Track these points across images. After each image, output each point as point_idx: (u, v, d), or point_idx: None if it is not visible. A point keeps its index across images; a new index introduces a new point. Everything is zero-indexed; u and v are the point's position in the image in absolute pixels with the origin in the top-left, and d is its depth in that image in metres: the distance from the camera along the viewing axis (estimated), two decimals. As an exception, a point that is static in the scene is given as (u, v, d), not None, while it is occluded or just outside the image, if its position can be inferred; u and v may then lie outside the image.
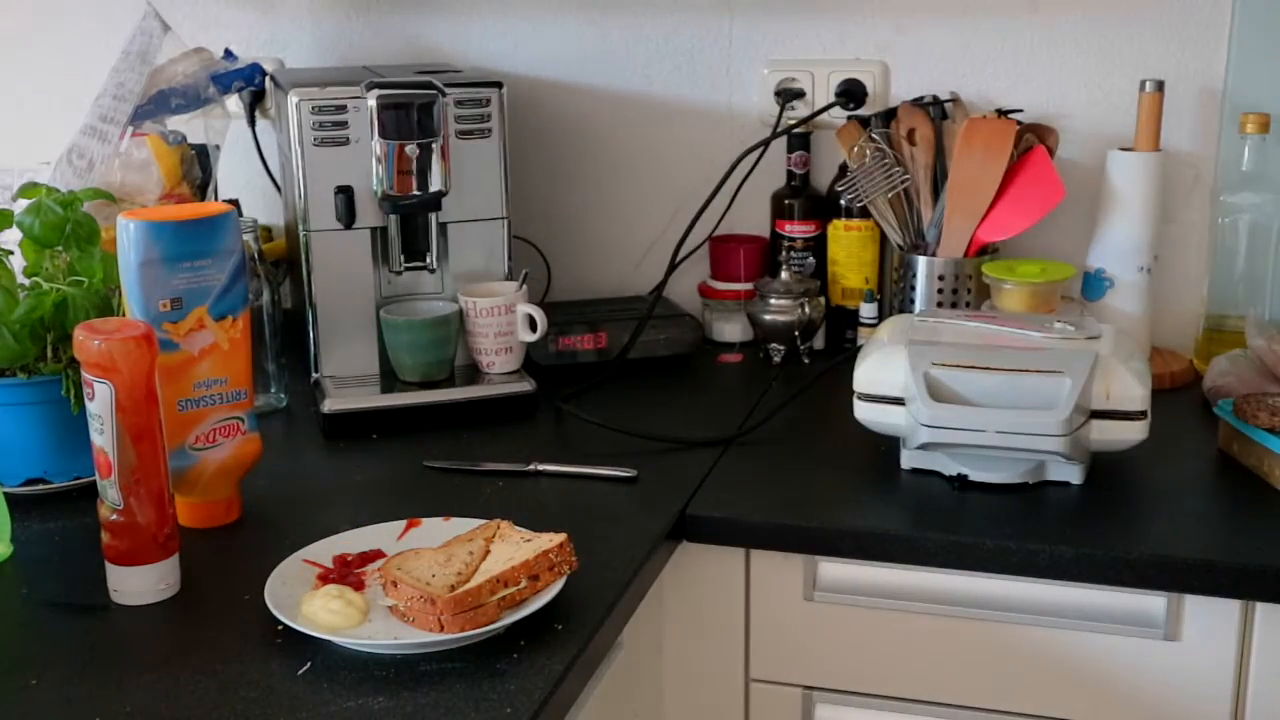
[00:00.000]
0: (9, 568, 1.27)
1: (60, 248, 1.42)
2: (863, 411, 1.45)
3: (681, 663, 1.44)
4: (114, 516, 1.18)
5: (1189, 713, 1.30)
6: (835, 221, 1.84)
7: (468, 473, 1.46)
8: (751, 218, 1.91)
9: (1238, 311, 1.71)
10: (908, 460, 1.44)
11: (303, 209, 1.61)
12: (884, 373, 1.43)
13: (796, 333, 1.80)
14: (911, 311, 1.69)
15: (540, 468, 1.46)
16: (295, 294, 1.77)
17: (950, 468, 1.40)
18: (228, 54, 1.85)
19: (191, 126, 1.77)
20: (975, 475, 1.39)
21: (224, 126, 1.81)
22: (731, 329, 1.92)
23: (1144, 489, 1.40)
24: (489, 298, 1.65)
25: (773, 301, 1.82)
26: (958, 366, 1.39)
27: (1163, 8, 1.75)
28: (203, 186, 1.76)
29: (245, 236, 1.49)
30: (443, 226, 1.67)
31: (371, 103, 1.57)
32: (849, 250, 1.84)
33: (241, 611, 1.17)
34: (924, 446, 1.40)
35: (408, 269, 1.67)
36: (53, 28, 2.12)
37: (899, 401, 1.41)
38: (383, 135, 1.57)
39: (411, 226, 1.65)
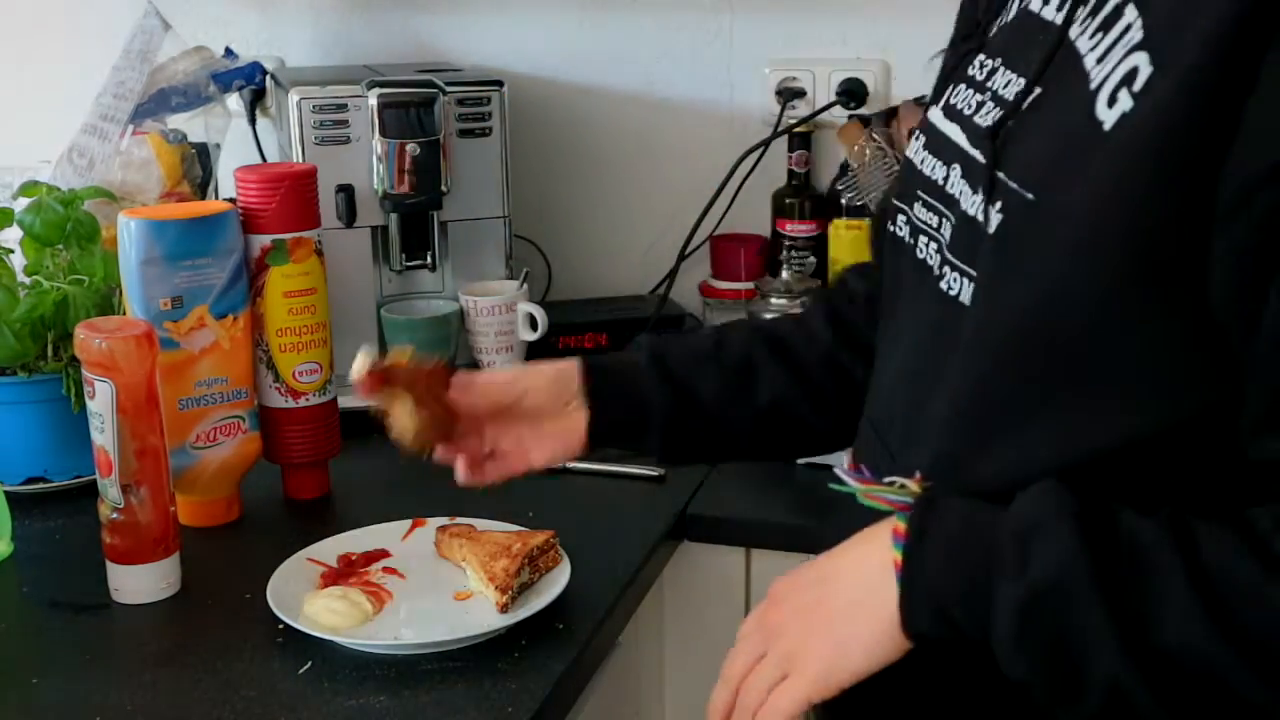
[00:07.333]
0: (9, 566, 1.27)
1: (61, 246, 1.42)
2: None
3: (681, 663, 1.44)
4: (114, 515, 1.18)
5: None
6: (836, 221, 1.84)
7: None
8: (752, 217, 1.91)
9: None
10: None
11: (303, 208, 1.61)
12: None
13: (797, 332, 1.80)
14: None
15: (569, 464, 1.45)
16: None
17: None
18: (228, 52, 1.85)
19: (192, 125, 1.77)
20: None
21: (224, 125, 1.80)
22: (732, 328, 1.91)
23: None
24: (489, 296, 1.65)
25: (774, 301, 1.81)
26: None
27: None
28: (203, 185, 1.76)
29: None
30: (443, 225, 1.67)
31: (372, 101, 1.57)
32: (850, 250, 1.84)
33: (242, 611, 1.17)
34: None
35: (408, 268, 1.67)
36: (53, 27, 2.12)
37: None
38: (383, 134, 1.57)
39: (412, 225, 1.65)
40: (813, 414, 1.13)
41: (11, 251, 1.44)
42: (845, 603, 0.86)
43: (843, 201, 1.82)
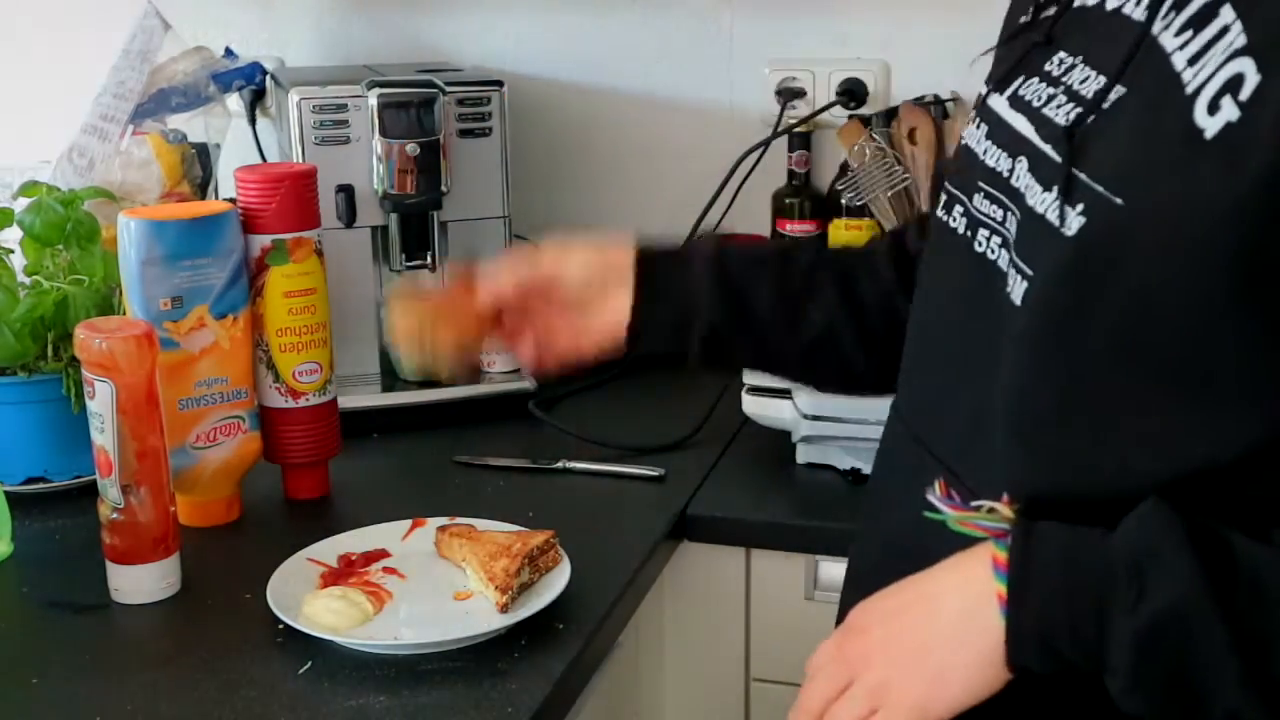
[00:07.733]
0: (9, 567, 1.27)
1: (61, 246, 1.42)
2: (751, 406, 1.45)
3: (681, 663, 1.44)
4: (114, 515, 1.18)
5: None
6: (836, 221, 1.84)
7: (478, 470, 1.48)
8: (752, 217, 1.91)
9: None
10: (801, 455, 1.44)
11: (303, 208, 1.61)
12: None
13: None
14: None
15: (569, 464, 1.46)
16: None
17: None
18: (228, 52, 1.85)
19: (192, 125, 1.77)
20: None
21: (224, 125, 1.80)
22: (732, 328, 1.91)
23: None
24: (489, 297, 1.65)
25: (773, 301, 1.81)
26: None
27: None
28: (203, 185, 1.76)
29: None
30: (443, 225, 1.67)
31: (372, 101, 1.57)
32: (849, 250, 1.84)
33: (242, 611, 1.17)
34: (807, 439, 1.40)
35: (408, 268, 1.67)
36: (53, 27, 2.12)
37: (785, 394, 1.42)
38: (383, 134, 1.57)
39: (412, 225, 1.65)
40: (858, 351, 1.09)
41: (11, 251, 1.44)
42: (940, 633, 0.82)
43: (843, 201, 1.82)
